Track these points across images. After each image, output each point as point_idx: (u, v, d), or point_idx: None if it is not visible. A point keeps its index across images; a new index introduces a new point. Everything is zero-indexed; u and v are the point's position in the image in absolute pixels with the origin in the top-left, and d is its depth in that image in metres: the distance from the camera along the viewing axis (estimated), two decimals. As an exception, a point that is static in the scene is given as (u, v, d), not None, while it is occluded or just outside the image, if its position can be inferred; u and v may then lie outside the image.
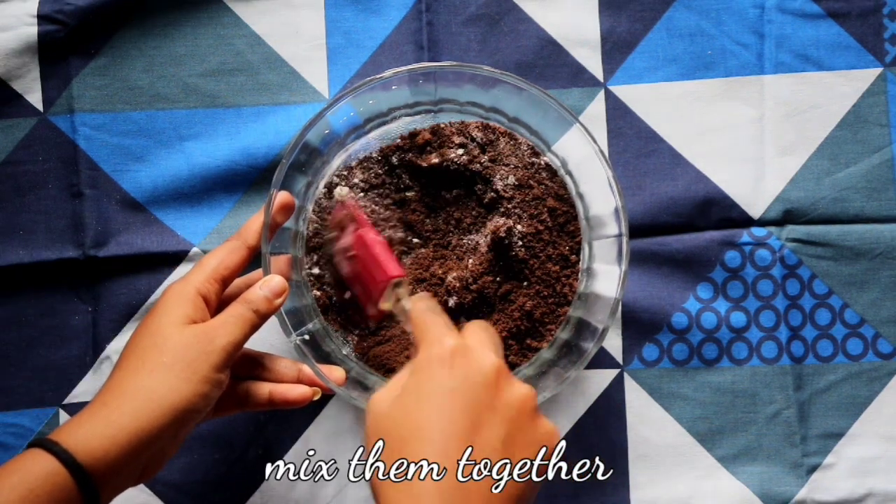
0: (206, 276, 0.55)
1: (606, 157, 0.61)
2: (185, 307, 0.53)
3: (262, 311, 0.55)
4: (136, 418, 0.49)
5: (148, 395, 0.50)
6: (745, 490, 0.69)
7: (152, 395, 0.50)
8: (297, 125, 0.69)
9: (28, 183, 0.69)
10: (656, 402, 0.69)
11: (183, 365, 0.50)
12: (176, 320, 0.52)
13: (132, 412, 0.49)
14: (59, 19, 0.68)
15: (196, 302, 0.53)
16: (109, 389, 0.51)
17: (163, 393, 0.50)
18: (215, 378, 0.52)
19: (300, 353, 0.61)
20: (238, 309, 0.54)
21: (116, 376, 0.52)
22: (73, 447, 0.47)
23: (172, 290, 0.54)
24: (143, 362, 0.51)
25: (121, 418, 0.49)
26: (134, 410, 0.49)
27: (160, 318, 0.53)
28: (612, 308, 0.61)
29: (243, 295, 0.55)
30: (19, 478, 0.46)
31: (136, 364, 0.51)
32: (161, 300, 0.54)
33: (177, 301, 0.53)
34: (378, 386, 0.64)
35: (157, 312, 0.53)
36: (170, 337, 0.51)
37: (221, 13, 0.70)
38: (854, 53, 0.71)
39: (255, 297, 0.55)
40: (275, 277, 0.56)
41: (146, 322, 0.54)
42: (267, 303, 0.55)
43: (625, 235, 0.61)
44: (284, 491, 0.68)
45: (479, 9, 0.71)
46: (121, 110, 0.70)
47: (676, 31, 0.71)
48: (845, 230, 0.70)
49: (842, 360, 0.70)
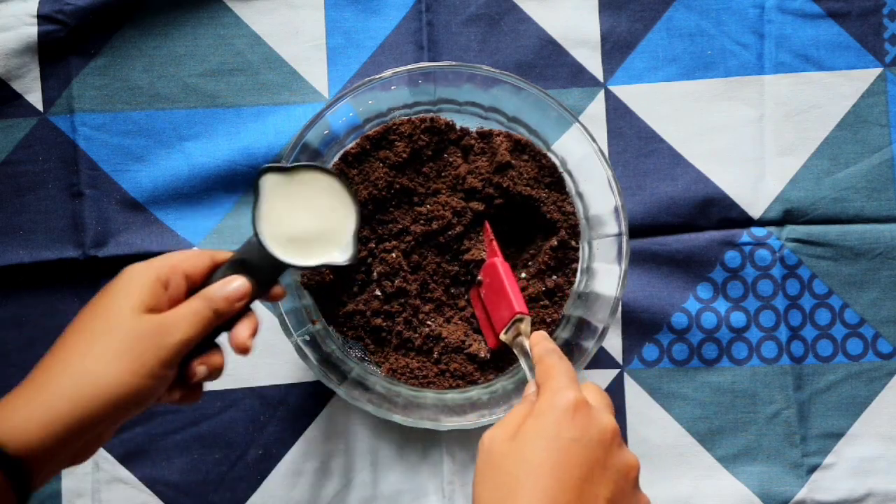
0: (171, 264, 0.51)
1: (606, 157, 0.61)
2: (143, 292, 0.49)
3: (221, 310, 0.51)
4: (77, 406, 0.46)
5: (93, 383, 0.46)
6: (745, 490, 0.69)
7: (97, 382, 0.46)
8: (297, 125, 0.69)
9: (28, 183, 0.69)
10: (656, 402, 0.69)
11: (133, 356, 0.47)
12: (133, 306, 0.49)
13: (73, 399, 0.46)
14: (59, 19, 0.68)
15: (155, 288, 0.50)
16: (48, 369, 0.47)
17: (108, 382, 0.46)
18: (163, 374, 0.48)
19: (301, 354, 0.61)
20: (197, 305, 0.51)
21: (59, 356, 0.48)
22: (4, 436, 0.44)
23: (133, 270, 0.50)
24: (90, 346, 0.47)
25: (60, 404, 0.45)
26: (76, 397, 0.46)
27: (117, 300, 0.49)
28: (612, 307, 0.61)
29: (204, 291, 0.52)
30: None
31: (83, 347, 0.48)
32: (119, 280, 0.50)
33: (136, 284, 0.50)
34: (378, 386, 0.64)
35: (112, 292, 0.50)
36: (124, 323, 0.48)
37: (221, 13, 0.70)
38: (854, 53, 0.71)
39: (216, 295, 0.51)
40: (238, 278, 0.52)
41: (100, 301, 0.50)
42: (227, 303, 0.51)
43: (624, 234, 0.61)
44: (284, 491, 0.68)
45: (479, 9, 0.71)
46: (121, 110, 0.70)
47: (676, 31, 0.71)
48: (845, 230, 0.70)
49: (842, 360, 0.70)
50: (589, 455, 0.46)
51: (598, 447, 0.46)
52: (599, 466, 0.46)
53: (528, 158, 0.66)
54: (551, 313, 0.66)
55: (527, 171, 0.66)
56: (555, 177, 0.66)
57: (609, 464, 0.46)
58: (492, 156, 0.66)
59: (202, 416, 0.68)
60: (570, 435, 0.46)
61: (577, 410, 0.47)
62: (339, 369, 0.63)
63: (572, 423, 0.47)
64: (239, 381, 0.69)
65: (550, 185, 0.66)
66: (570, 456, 0.46)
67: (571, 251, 0.66)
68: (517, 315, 0.60)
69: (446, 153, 0.67)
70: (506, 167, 0.65)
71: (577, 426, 0.47)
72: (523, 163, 0.66)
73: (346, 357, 0.65)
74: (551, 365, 0.52)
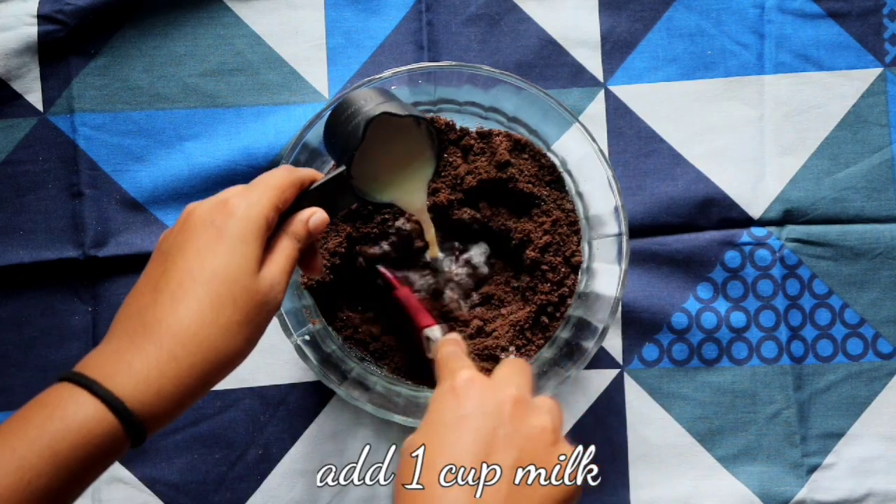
0: (273, 202, 0.47)
1: (606, 157, 0.61)
2: (256, 247, 0.46)
3: (304, 247, 0.49)
4: (201, 376, 0.44)
5: (216, 355, 0.44)
6: (745, 490, 0.69)
7: (220, 355, 0.44)
8: (297, 125, 0.69)
9: (28, 183, 0.69)
10: (656, 402, 0.69)
11: (254, 326, 0.46)
12: (252, 267, 0.45)
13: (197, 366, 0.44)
14: (59, 19, 0.68)
15: (265, 237, 0.47)
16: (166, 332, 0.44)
17: (231, 352, 0.45)
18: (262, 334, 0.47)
19: (301, 354, 0.61)
20: (289, 249, 0.48)
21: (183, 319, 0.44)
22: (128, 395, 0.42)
23: (239, 219, 0.46)
24: (217, 316, 0.44)
25: (179, 371, 0.43)
26: (196, 368, 0.43)
27: (235, 261, 0.45)
28: (612, 307, 0.61)
29: (293, 231, 0.49)
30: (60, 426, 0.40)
31: (211, 317, 0.44)
32: (230, 226, 0.45)
33: (251, 235, 0.46)
34: (378, 386, 0.64)
35: (225, 248, 0.45)
36: (246, 291, 0.45)
37: (221, 13, 0.70)
38: (854, 53, 0.71)
39: (303, 233, 0.49)
40: (320, 212, 0.50)
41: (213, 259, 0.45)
42: (311, 239, 0.50)
43: (625, 234, 0.61)
44: (284, 491, 0.68)
45: (479, 9, 0.71)
46: (121, 110, 0.70)
47: (676, 31, 0.71)
48: (845, 230, 0.70)
49: (842, 360, 0.70)
50: (484, 427, 0.45)
51: (492, 418, 0.45)
52: (502, 437, 0.45)
53: (527, 158, 0.66)
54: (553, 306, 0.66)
55: (527, 169, 0.66)
56: (554, 175, 0.66)
57: (513, 432, 0.45)
58: (491, 156, 0.66)
59: (202, 416, 0.69)
60: (460, 412, 0.45)
61: (466, 387, 0.46)
62: (339, 369, 0.63)
63: (460, 402, 0.46)
64: (239, 381, 0.69)
65: (550, 184, 0.66)
66: (463, 431, 0.45)
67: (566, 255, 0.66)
68: (424, 330, 0.60)
69: (446, 153, 0.67)
70: (505, 166, 0.65)
71: (465, 403, 0.46)
72: (523, 161, 0.66)
73: (346, 357, 0.65)
74: (446, 359, 0.51)
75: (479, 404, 0.46)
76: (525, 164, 0.66)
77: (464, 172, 0.66)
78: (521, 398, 0.47)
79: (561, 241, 0.65)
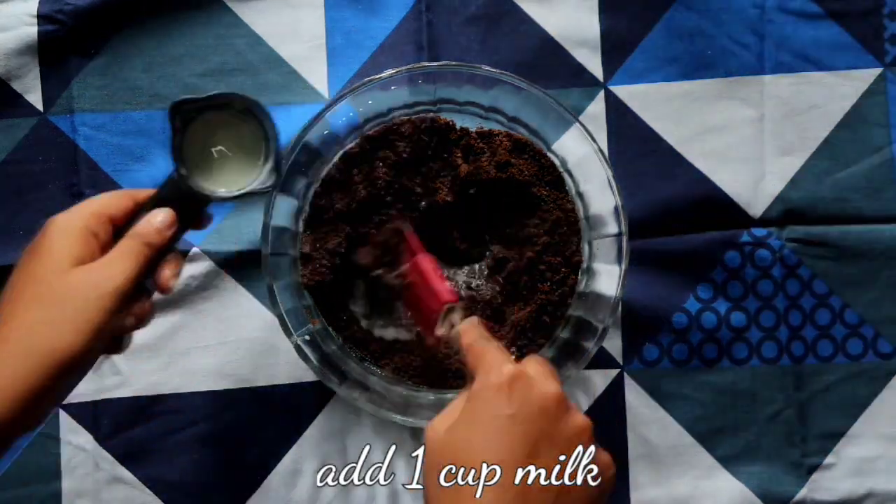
0: (94, 212, 0.50)
1: (606, 157, 0.61)
2: (73, 246, 0.47)
3: (154, 243, 0.50)
4: (39, 378, 0.45)
5: (50, 354, 0.45)
6: (745, 490, 0.69)
7: (55, 353, 0.45)
8: (297, 125, 0.69)
9: (28, 183, 0.69)
10: (656, 402, 0.69)
11: (77, 316, 0.46)
12: (61, 263, 0.47)
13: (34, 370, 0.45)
14: (59, 19, 0.68)
15: (85, 238, 0.48)
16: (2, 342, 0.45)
17: (62, 348, 0.45)
18: (108, 325, 0.47)
19: (301, 354, 0.61)
20: (128, 244, 0.49)
21: (7, 328, 0.46)
22: None
23: (57, 224, 0.48)
24: (36, 315, 0.46)
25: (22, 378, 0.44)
26: (35, 369, 0.45)
27: (42, 261, 0.47)
28: (612, 307, 0.61)
29: (133, 229, 0.50)
30: None
31: (30, 317, 0.46)
32: (44, 237, 0.48)
33: (61, 238, 0.48)
34: (378, 386, 0.64)
35: (38, 252, 0.47)
36: (58, 284, 0.46)
37: (221, 13, 0.70)
38: (854, 53, 0.71)
39: (145, 230, 0.50)
40: (161, 210, 0.51)
41: (27, 263, 0.48)
42: (159, 235, 0.50)
43: (624, 234, 0.61)
44: (285, 491, 0.68)
45: (479, 9, 0.71)
46: (121, 110, 0.70)
47: (676, 31, 0.71)
48: (845, 230, 0.70)
49: (842, 360, 0.70)
50: (532, 427, 0.45)
51: (540, 419, 0.45)
52: (545, 438, 0.45)
53: (527, 158, 0.66)
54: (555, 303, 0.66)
55: (527, 169, 0.66)
56: (554, 175, 0.66)
57: (555, 432, 0.45)
58: (491, 156, 0.66)
59: (202, 416, 0.69)
60: (508, 412, 0.45)
61: (512, 385, 0.46)
62: (339, 369, 0.63)
63: (509, 400, 0.45)
64: (239, 381, 0.69)
65: (550, 184, 0.66)
66: (511, 434, 0.44)
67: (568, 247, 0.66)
68: (446, 305, 0.59)
69: (446, 153, 0.67)
70: (505, 166, 0.65)
71: (514, 401, 0.45)
72: (523, 161, 0.66)
73: (346, 357, 0.65)
74: (480, 348, 0.50)
75: (525, 402, 0.45)
76: (525, 164, 0.66)
77: (464, 172, 0.66)
78: (561, 396, 0.46)
79: (561, 241, 0.65)
